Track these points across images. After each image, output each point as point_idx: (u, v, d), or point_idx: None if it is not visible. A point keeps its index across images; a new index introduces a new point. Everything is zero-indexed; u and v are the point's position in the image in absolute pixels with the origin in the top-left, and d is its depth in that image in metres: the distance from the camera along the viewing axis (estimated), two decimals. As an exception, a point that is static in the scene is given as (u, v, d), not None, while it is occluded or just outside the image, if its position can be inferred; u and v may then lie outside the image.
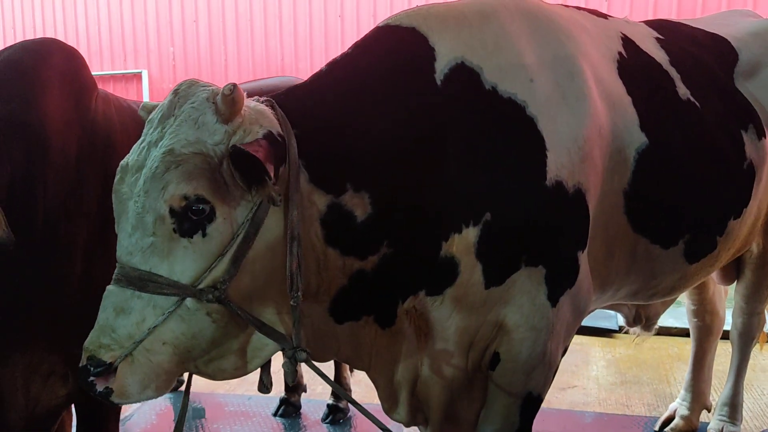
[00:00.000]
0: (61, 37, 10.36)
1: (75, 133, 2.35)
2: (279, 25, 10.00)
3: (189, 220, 1.66)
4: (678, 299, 3.17)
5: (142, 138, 1.77)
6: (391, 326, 2.09)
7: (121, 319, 1.68)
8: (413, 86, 1.99)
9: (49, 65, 2.35)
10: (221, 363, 1.86)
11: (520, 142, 2.01)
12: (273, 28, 10.04)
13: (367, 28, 9.57)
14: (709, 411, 3.62)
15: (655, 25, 2.70)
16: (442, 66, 2.01)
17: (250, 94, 2.73)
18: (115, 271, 1.73)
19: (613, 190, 2.22)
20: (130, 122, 2.52)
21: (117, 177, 1.76)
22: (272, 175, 1.64)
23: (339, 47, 9.87)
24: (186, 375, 1.96)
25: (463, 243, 1.98)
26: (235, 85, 1.68)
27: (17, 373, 2.32)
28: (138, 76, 10.61)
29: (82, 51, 9.83)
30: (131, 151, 1.77)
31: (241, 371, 1.90)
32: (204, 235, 1.67)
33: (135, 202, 1.69)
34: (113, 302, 1.70)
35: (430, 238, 1.98)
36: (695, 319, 3.58)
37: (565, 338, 2.26)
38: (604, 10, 2.71)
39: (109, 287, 1.73)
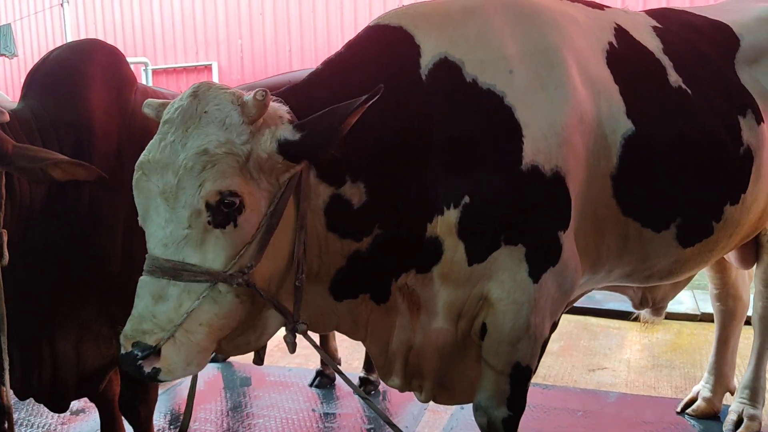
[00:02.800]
0: (137, 33, 11.02)
1: (116, 122, 2.64)
2: (340, 16, 10.26)
3: (222, 212, 1.83)
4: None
5: (160, 136, 1.91)
6: (386, 302, 2.29)
7: (161, 306, 1.85)
8: (401, 82, 2.16)
9: (92, 62, 2.65)
10: (242, 339, 2.10)
11: (497, 130, 2.16)
12: (335, 19, 10.32)
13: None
14: (732, 394, 3.65)
15: (656, 14, 2.76)
16: (426, 62, 2.18)
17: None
18: (147, 262, 1.88)
19: (600, 174, 2.33)
20: None
21: (137, 173, 1.92)
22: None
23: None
24: None
25: (445, 224, 2.16)
26: (266, 91, 1.87)
27: (70, 333, 2.66)
28: (208, 68, 11.11)
29: (157, 46, 10.34)
30: (149, 149, 1.92)
31: (252, 346, 2.15)
32: (235, 225, 1.85)
33: (167, 198, 1.85)
34: (150, 291, 1.86)
35: (416, 219, 2.17)
36: (718, 303, 3.61)
37: (552, 313, 2.38)
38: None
39: (143, 278, 1.89)
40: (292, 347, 2.13)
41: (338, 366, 2.38)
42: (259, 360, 2.24)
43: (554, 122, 2.19)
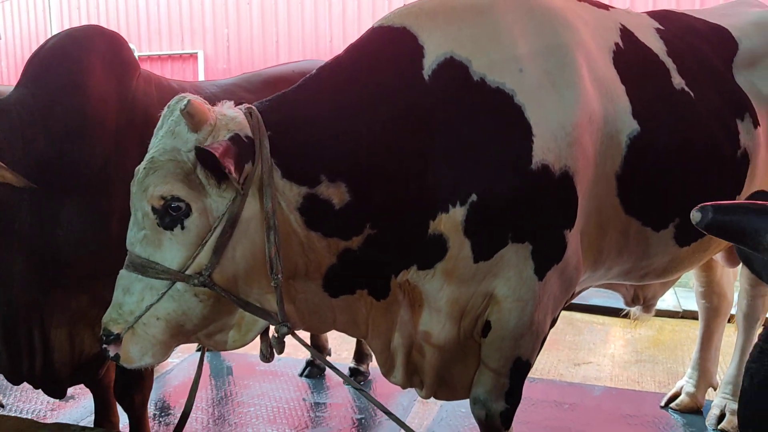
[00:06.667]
0: (122, 19, 10.90)
1: (113, 108, 2.63)
2: (329, 8, 10.21)
3: (169, 215, 1.97)
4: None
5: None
6: (386, 298, 2.31)
7: (127, 298, 2.03)
8: (398, 83, 2.17)
9: (90, 50, 2.64)
10: (222, 336, 2.20)
11: (506, 129, 2.18)
12: (323, 10, 10.26)
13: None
14: (714, 389, 3.73)
15: (657, 15, 2.81)
16: (430, 62, 2.19)
17: (274, 80, 2.98)
18: (126, 257, 2.06)
19: (606, 174, 2.37)
20: (169, 99, 2.79)
21: (133, 180, 2.08)
22: (232, 168, 1.90)
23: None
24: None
25: (450, 222, 2.17)
26: (189, 101, 1.95)
27: (63, 320, 2.64)
28: (194, 57, 11.00)
29: (142, 32, 10.22)
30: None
31: (239, 343, 2.21)
32: (183, 228, 1.99)
33: (132, 201, 2.04)
34: (122, 284, 2.06)
35: (416, 218, 2.18)
36: (703, 301, 3.69)
37: (553, 310, 2.43)
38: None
39: (121, 271, 2.07)
40: (277, 347, 2.21)
41: (328, 360, 2.40)
42: (263, 357, 2.26)
43: (565, 122, 2.22)
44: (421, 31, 2.23)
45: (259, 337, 2.24)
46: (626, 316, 4.34)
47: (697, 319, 5.16)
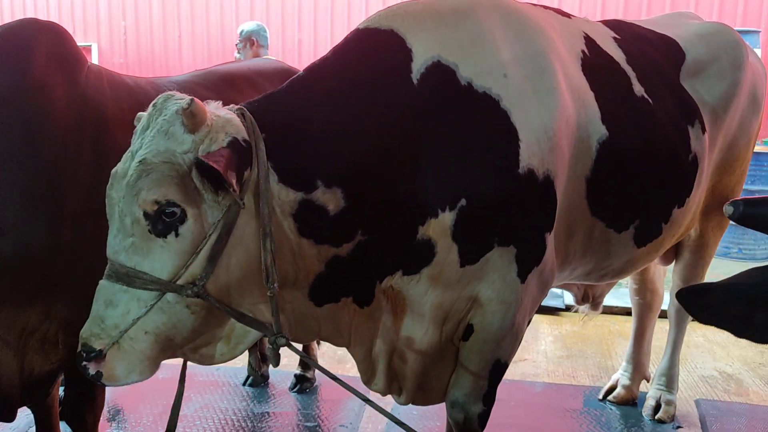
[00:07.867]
0: (6, 7, 10.10)
1: (59, 107, 2.41)
2: (235, 2, 9.95)
3: (162, 222, 1.85)
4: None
5: (130, 147, 1.96)
6: (369, 305, 2.28)
7: (110, 311, 1.89)
8: (389, 86, 2.15)
9: (30, 47, 2.42)
10: (208, 350, 2.08)
11: (494, 133, 2.20)
12: (228, 4, 10.00)
13: (325, 7, 9.60)
14: (648, 381, 3.94)
15: (612, 25, 2.93)
16: (418, 65, 2.18)
17: (232, 78, 2.86)
18: (107, 267, 1.92)
19: (577, 177, 2.44)
20: (125, 97, 2.60)
21: (109, 183, 1.95)
22: (234, 182, 1.83)
23: (296, 27, 9.91)
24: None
25: (439, 226, 2.17)
26: (192, 100, 1.85)
27: (10, 339, 2.41)
28: (87, 50, 10.41)
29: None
30: (122, 159, 1.95)
31: (227, 357, 2.11)
32: (177, 235, 1.86)
33: (118, 206, 1.89)
34: (104, 295, 1.90)
35: (406, 223, 2.17)
36: (637, 297, 3.88)
37: (530, 311, 2.48)
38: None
39: (102, 282, 1.92)
40: (273, 360, 2.12)
41: (336, 375, 2.32)
42: (252, 371, 2.15)
43: (546, 127, 2.27)
44: (408, 33, 2.22)
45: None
46: (555, 313, 4.51)
47: (615, 314, 5.54)
